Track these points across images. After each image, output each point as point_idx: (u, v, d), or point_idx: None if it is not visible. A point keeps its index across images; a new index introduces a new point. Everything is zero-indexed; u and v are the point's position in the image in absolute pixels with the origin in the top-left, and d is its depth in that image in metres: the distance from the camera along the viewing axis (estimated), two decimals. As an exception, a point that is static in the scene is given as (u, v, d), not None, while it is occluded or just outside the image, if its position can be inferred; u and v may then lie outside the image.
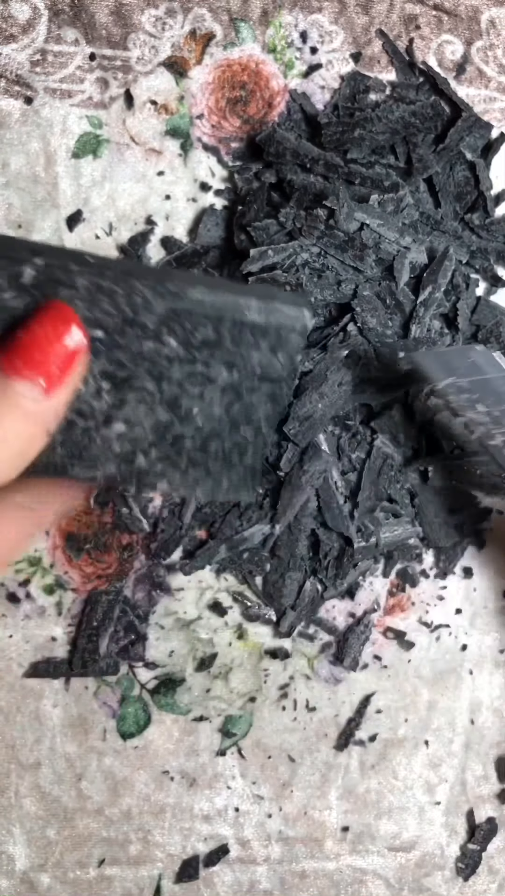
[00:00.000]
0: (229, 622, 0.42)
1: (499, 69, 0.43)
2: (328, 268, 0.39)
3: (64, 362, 0.22)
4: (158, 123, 0.42)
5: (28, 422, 0.22)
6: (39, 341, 0.22)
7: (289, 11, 0.42)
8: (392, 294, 0.40)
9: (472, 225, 0.42)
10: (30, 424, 0.22)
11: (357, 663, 0.42)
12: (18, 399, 0.22)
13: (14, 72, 0.41)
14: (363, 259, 0.39)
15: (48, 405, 0.22)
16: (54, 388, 0.22)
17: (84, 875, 0.41)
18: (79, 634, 0.41)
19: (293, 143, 0.40)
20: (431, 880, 0.42)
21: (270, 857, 0.42)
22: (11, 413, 0.22)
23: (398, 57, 0.42)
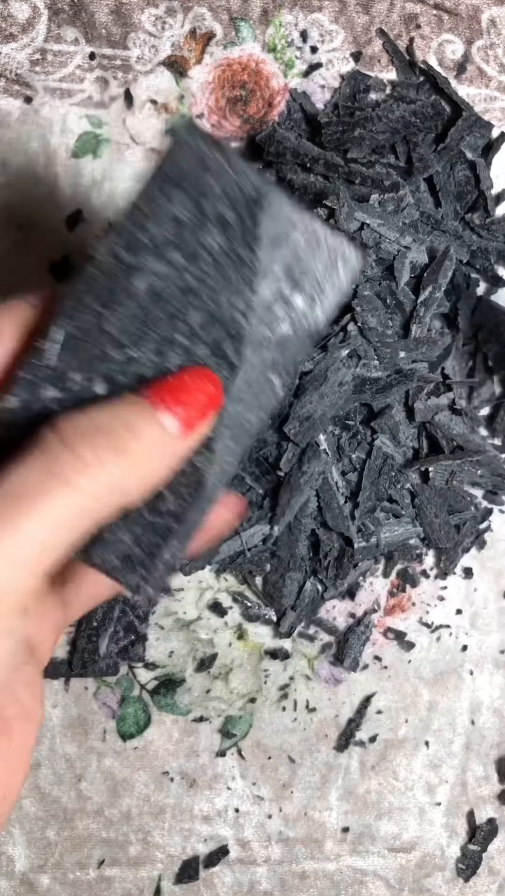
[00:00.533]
0: (229, 622, 0.42)
1: (499, 68, 0.43)
2: None
3: (203, 408, 0.25)
4: (158, 123, 0.42)
5: (164, 452, 0.24)
6: (186, 386, 0.25)
7: (289, 10, 0.42)
8: (392, 294, 0.40)
9: (472, 224, 0.42)
10: (166, 456, 0.24)
11: (357, 664, 0.42)
12: (160, 427, 0.24)
13: (14, 71, 0.41)
14: (366, 255, 0.39)
15: (182, 444, 0.25)
16: (190, 430, 0.25)
17: (84, 876, 0.41)
18: (79, 635, 0.41)
19: (293, 143, 0.40)
20: (431, 881, 0.42)
21: (270, 858, 0.41)
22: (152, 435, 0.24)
23: (399, 56, 0.42)
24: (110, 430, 0.23)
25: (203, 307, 0.26)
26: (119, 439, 0.23)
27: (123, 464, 0.23)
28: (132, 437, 0.23)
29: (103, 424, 0.23)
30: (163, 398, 0.24)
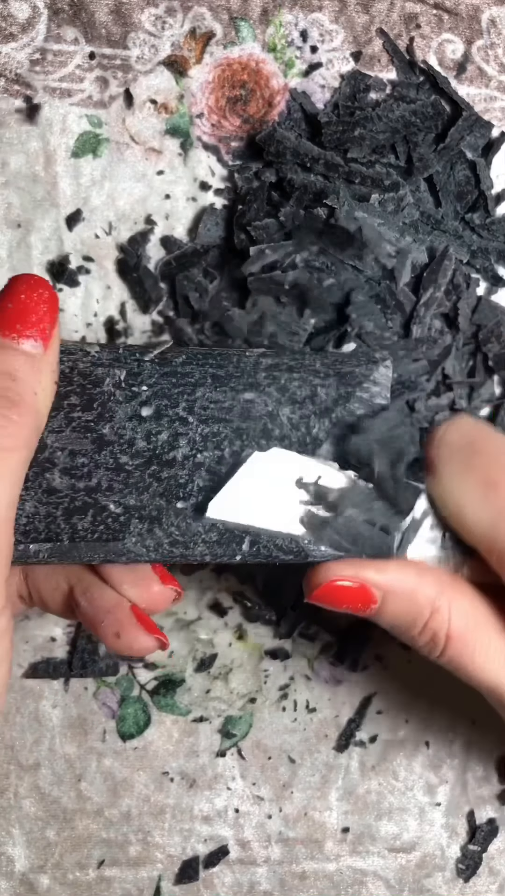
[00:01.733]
0: (229, 622, 0.42)
1: (500, 68, 0.43)
2: (328, 266, 0.39)
3: (50, 318, 0.27)
4: (158, 122, 0.42)
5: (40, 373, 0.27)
6: (30, 305, 0.27)
7: (289, 10, 0.42)
8: (392, 294, 0.40)
9: (472, 224, 0.42)
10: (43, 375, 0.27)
11: (358, 664, 0.42)
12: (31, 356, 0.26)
13: (13, 71, 0.41)
14: (362, 258, 0.39)
15: (50, 356, 0.27)
16: (49, 342, 0.27)
17: (84, 876, 0.41)
18: (78, 635, 0.41)
19: (293, 143, 0.40)
20: (431, 881, 0.42)
21: (270, 858, 0.41)
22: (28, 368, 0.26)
23: (399, 56, 0.42)
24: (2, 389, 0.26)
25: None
26: (7, 390, 0.25)
27: (22, 407, 0.26)
28: (15, 383, 0.26)
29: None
30: (15, 327, 0.26)
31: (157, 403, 0.29)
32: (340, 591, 0.29)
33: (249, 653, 0.42)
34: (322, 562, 0.29)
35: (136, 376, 0.30)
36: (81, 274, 0.41)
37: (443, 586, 0.30)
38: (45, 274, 0.41)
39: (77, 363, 0.29)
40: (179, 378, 0.30)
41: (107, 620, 0.30)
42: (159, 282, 0.42)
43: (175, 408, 0.29)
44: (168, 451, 0.29)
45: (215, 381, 0.30)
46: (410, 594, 0.29)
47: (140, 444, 0.29)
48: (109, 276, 0.42)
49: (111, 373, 0.29)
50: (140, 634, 0.30)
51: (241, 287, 0.40)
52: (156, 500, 0.29)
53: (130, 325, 0.41)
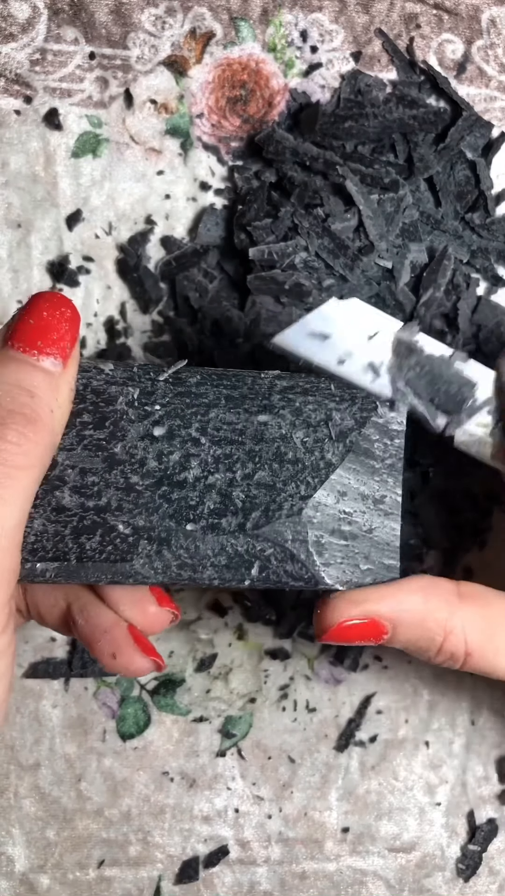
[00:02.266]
0: (229, 622, 0.42)
1: (500, 68, 0.43)
2: (327, 266, 0.39)
3: (71, 336, 0.27)
4: (158, 123, 0.42)
5: (58, 391, 0.27)
6: (51, 323, 0.27)
7: (289, 10, 0.42)
8: (392, 294, 0.40)
9: (472, 224, 0.42)
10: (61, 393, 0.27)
11: (357, 664, 0.42)
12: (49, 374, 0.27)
13: (14, 71, 0.41)
14: (353, 269, 0.39)
15: (69, 373, 0.27)
16: (68, 360, 0.27)
17: (84, 876, 0.41)
18: (78, 635, 0.41)
19: (292, 143, 0.40)
20: (431, 881, 0.42)
21: (270, 858, 0.41)
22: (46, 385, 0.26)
23: (398, 56, 0.42)
24: (15, 403, 0.25)
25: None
26: (24, 407, 0.25)
27: (38, 425, 0.26)
28: (32, 400, 0.26)
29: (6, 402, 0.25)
30: (36, 344, 0.26)
31: (169, 423, 0.29)
32: (351, 630, 0.29)
33: (249, 653, 0.42)
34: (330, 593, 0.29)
35: (149, 395, 0.29)
36: (81, 274, 0.41)
37: (452, 605, 0.29)
38: (45, 274, 0.41)
39: (91, 381, 0.29)
40: (193, 398, 0.30)
41: (103, 640, 0.30)
42: (159, 282, 0.42)
43: (188, 428, 0.29)
44: (179, 472, 0.29)
45: (229, 402, 0.30)
46: (420, 622, 0.29)
47: (151, 464, 0.29)
48: (109, 276, 0.42)
49: (125, 391, 0.29)
50: (136, 656, 0.30)
51: (241, 287, 0.40)
52: (165, 522, 0.28)
53: (130, 325, 0.41)
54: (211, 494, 0.29)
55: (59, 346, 0.27)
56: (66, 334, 0.27)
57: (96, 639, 0.30)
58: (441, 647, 0.29)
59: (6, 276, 0.41)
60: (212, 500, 0.29)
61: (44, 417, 0.26)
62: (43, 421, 0.26)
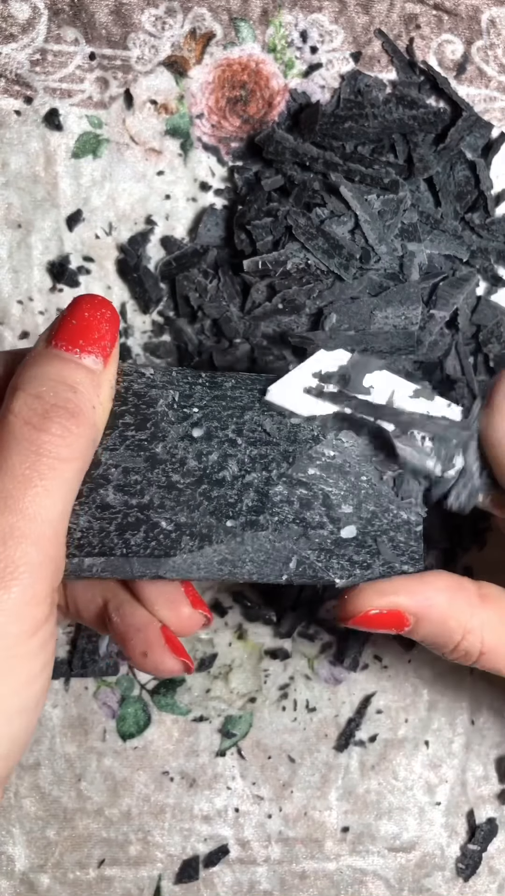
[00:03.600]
0: (229, 622, 0.42)
1: (499, 68, 0.43)
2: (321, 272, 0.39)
3: (111, 336, 0.28)
4: (158, 123, 0.42)
5: (99, 388, 0.28)
6: (93, 323, 0.28)
7: (289, 11, 0.42)
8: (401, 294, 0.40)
9: (472, 224, 0.42)
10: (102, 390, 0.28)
11: (357, 663, 0.42)
12: (91, 371, 0.27)
13: (14, 71, 0.41)
14: (347, 268, 0.39)
15: (110, 371, 0.28)
16: (108, 359, 0.28)
17: (84, 876, 0.41)
18: (78, 635, 0.41)
19: (292, 143, 0.40)
20: (431, 881, 0.42)
21: (270, 858, 0.41)
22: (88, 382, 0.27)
23: (398, 56, 0.42)
24: (59, 398, 0.26)
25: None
26: (68, 402, 0.26)
27: (80, 418, 0.26)
28: (75, 395, 0.27)
29: (50, 397, 0.26)
30: (77, 343, 0.27)
31: (207, 425, 0.30)
32: (375, 619, 0.30)
33: (249, 652, 0.42)
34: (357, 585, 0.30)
35: (188, 398, 0.31)
36: (81, 274, 0.41)
37: (473, 605, 0.30)
38: (46, 274, 0.41)
39: (132, 384, 0.30)
40: (229, 401, 0.31)
41: (136, 638, 0.31)
42: (159, 282, 0.42)
43: (225, 430, 0.30)
44: (218, 471, 0.30)
45: (263, 405, 0.31)
46: (443, 620, 0.30)
47: (191, 463, 0.30)
48: (109, 277, 0.42)
49: (165, 394, 0.30)
50: (167, 656, 0.31)
51: (242, 287, 0.40)
52: (206, 518, 0.29)
53: (131, 325, 0.42)
54: (249, 492, 0.30)
55: (99, 344, 0.28)
56: (107, 334, 0.28)
57: (129, 637, 0.31)
58: (458, 645, 0.31)
59: (6, 276, 0.41)
60: (250, 497, 0.30)
61: (86, 412, 0.27)
62: (85, 415, 0.27)
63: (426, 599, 0.30)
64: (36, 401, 0.26)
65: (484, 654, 0.31)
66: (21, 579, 0.25)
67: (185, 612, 0.31)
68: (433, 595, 0.30)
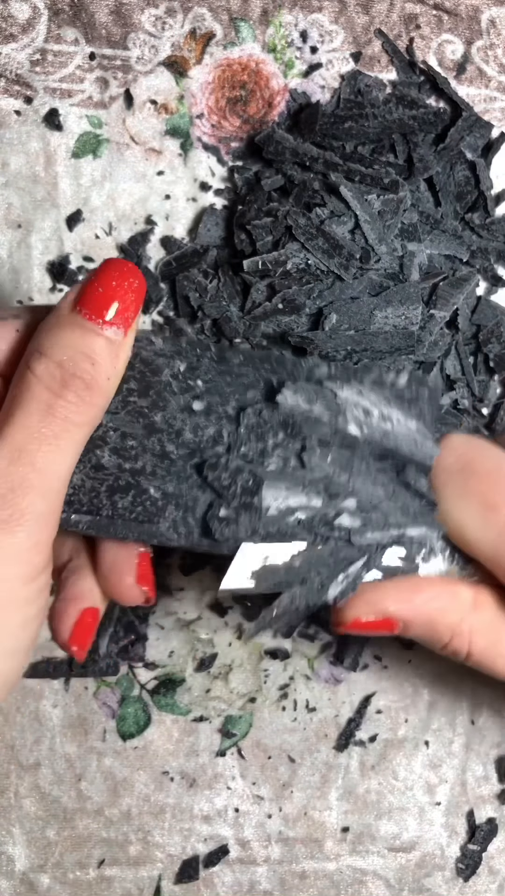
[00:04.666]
0: (229, 622, 0.42)
1: (499, 69, 0.43)
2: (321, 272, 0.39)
3: (136, 305, 0.28)
4: (158, 123, 0.42)
5: (117, 359, 0.28)
6: (115, 290, 0.28)
7: (289, 11, 0.42)
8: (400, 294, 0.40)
9: (472, 224, 0.42)
10: (119, 361, 0.28)
11: (357, 663, 0.42)
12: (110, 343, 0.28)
13: (14, 71, 0.41)
14: (347, 268, 0.39)
15: (128, 341, 0.28)
16: (129, 328, 0.28)
17: (84, 876, 0.41)
18: (78, 635, 0.41)
19: (292, 143, 0.40)
20: (431, 881, 0.42)
21: (270, 858, 0.41)
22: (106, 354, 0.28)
23: (398, 56, 0.42)
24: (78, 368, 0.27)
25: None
26: (85, 373, 0.27)
27: (95, 390, 0.28)
28: (93, 367, 0.27)
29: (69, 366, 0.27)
30: (102, 313, 0.28)
31: (209, 399, 0.30)
32: (365, 625, 0.31)
33: (249, 652, 0.42)
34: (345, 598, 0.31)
35: (193, 371, 0.30)
36: (82, 274, 0.41)
37: (463, 611, 0.31)
38: (46, 274, 0.41)
39: (141, 350, 0.30)
40: (234, 378, 0.31)
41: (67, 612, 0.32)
42: (159, 282, 0.42)
43: (225, 406, 0.30)
44: (212, 447, 0.30)
45: (267, 385, 0.31)
46: (429, 624, 0.31)
47: (187, 435, 0.30)
48: (110, 277, 0.42)
49: (171, 364, 0.30)
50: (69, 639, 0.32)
51: (241, 287, 0.40)
52: (193, 491, 0.29)
53: (130, 325, 0.42)
54: (242, 474, 0.30)
55: (122, 316, 0.28)
56: (131, 305, 0.28)
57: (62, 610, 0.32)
58: (446, 645, 0.31)
59: (6, 276, 0.41)
60: (242, 478, 0.30)
61: (101, 384, 0.28)
62: (100, 387, 0.28)
63: (413, 607, 0.30)
64: (57, 368, 0.27)
65: (472, 655, 0.31)
66: (26, 526, 0.26)
67: (126, 581, 0.32)
68: (421, 603, 0.30)
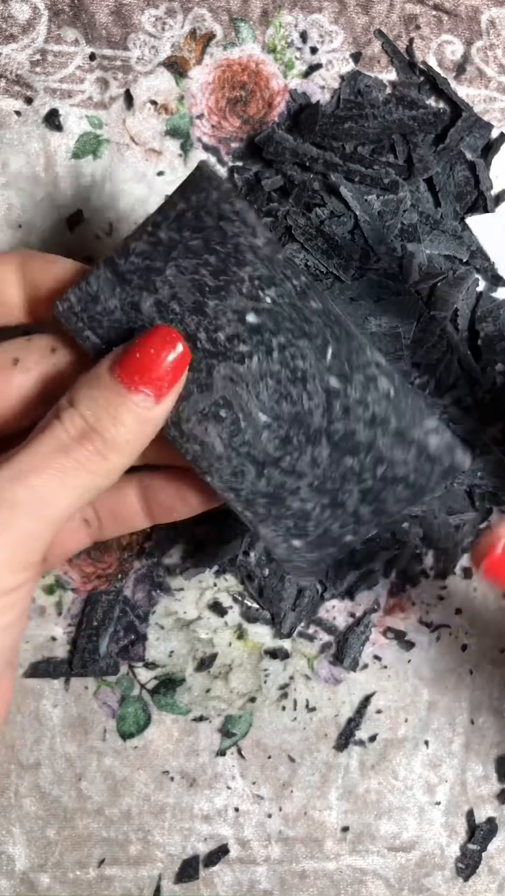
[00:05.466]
0: (229, 622, 0.42)
1: (499, 69, 0.43)
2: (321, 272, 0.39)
3: (172, 377, 0.29)
4: (158, 123, 0.42)
5: (143, 425, 0.29)
6: (152, 360, 0.29)
7: (289, 11, 0.42)
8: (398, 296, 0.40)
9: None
10: (145, 427, 0.29)
11: (357, 663, 0.42)
12: (136, 408, 0.29)
13: (14, 72, 0.41)
14: (347, 269, 0.39)
15: (158, 411, 0.29)
16: (163, 398, 0.29)
17: (84, 875, 0.41)
18: (79, 634, 0.41)
19: (292, 144, 0.40)
20: (431, 880, 0.42)
21: (270, 858, 0.42)
22: (131, 419, 0.29)
23: (398, 57, 0.42)
24: (100, 425, 0.28)
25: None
26: (106, 431, 0.28)
27: (113, 449, 0.29)
28: (114, 427, 0.28)
29: (92, 421, 0.28)
30: (133, 379, 0.29)
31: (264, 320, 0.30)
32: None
33: (249, 652, 0.42)
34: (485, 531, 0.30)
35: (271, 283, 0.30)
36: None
37: None
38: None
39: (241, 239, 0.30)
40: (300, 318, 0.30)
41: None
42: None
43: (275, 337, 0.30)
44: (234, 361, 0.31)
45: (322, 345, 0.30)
46: None
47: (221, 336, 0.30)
48: (110, 277, 0.42)
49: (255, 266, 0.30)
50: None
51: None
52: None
53: (131, 325, 0.42)
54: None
55: (155, 384, 0.29)
56: (167, 373, 0.29)
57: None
58: None
59: (7, 277, 0.41)
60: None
61: (119, 444, 0.29)
62: (118, 447, 0.29)
63: None
64: (81, 420, 0.28)
65: None
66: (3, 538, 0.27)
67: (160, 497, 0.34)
68: None
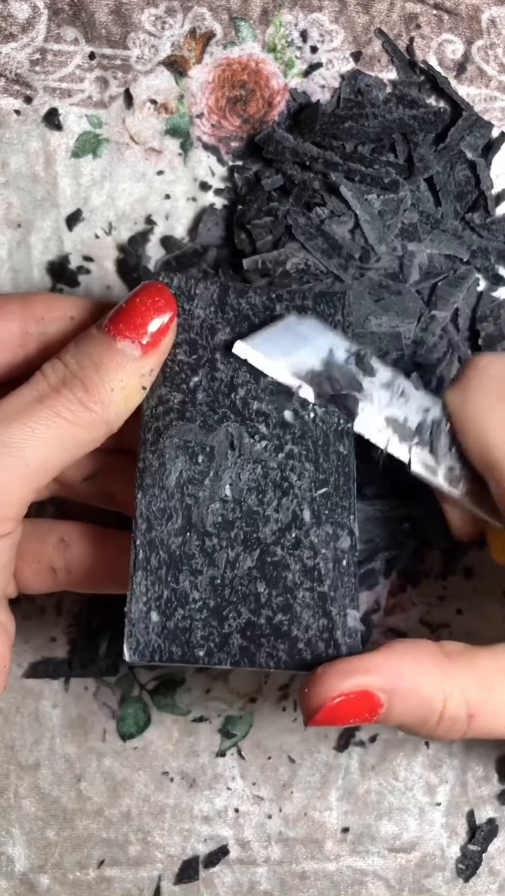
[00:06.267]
0: (229, 622, 0.42)
1: (499, 68, 0.43)
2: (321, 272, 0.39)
3: (159, 329, 0.28)
4: (158, 123, 0.42)
5: (129, 374, 0.28)
6: (140, 310, 0.28)
7: (289, 10, 0.42)
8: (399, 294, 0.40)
9: (472, 224, 0.42)
10: (129, 378, 0.28)
11: (357, 664, 0.42)
12: (121, 355, 0.28)
13: (14, 71, 0.41)
14: (347, 269, 0.39)
15: (144, 362, 0.28)
16: (150, 349, 0.28)
17: (84, 876, 0.41)
18: (79, 634, 0.41)
19: (292, 143, 0.40)
20: (431, 881, 0.42)
21: (270, 858, 0.41)
22: (116, 366, 0.28)
23: (398, 56, 0.42)
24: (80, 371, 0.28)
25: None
26: (86, 376, 0.27)
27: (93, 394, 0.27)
28: (96, 373, 0.28)
29: (72, 367, 0.28)
30: (119, 327, 0.28)
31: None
32: (342, 707, 0.26)
33: (249, 653, 0.42)
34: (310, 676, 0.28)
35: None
36: (81, 274, 0.41)
37: (442, 665, 0.27)
38: (46, 274, 0.41)
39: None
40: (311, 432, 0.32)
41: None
42: (159, 282, 0.42)
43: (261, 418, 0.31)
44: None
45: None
46: (417, 689, 0.26)
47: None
48: (109, 277, 0.42)
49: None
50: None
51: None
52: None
53: (130, 325, 0.42)
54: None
55: (138, 331, 0.28)
56: (150, 321, 0.28)
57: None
58: (442, 714, 0.27)
59: (6, 276, 0.41)
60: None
61: (101, 391, 0.28)
62: (99, 394, 0.28)
63: (394, 670, 0.27)
64: (61, 367, 0.28)
65: (473, 715, 0.27)
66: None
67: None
68: (398, 663, 0.27)
